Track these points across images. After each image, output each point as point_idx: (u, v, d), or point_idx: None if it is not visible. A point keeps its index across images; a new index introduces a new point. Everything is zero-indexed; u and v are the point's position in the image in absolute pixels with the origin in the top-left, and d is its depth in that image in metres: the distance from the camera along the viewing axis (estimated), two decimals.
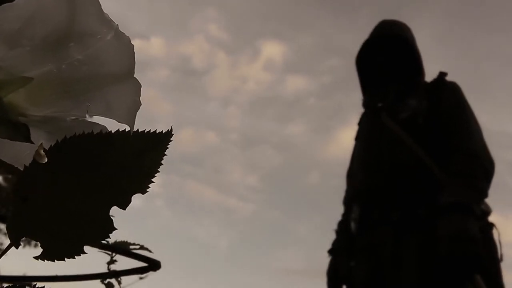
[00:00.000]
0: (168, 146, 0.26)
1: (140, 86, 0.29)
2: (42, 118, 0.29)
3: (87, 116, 0.29)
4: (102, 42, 0.28)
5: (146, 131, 0.26)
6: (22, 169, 0.26)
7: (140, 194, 0.27)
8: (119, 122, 0.29)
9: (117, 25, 0.28)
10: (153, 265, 0.75)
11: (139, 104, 0.29)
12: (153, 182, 0.26)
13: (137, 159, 0.26)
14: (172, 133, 0.26)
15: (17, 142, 0.28)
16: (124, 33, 0.28)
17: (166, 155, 0.26)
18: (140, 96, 0.29)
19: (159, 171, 0.26)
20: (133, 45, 0.28)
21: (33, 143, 0.28)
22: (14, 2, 0.26)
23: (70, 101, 0.29)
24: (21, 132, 0.28)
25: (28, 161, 0.26)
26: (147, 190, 0.26)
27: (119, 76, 0.28)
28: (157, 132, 0.26)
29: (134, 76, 0.29)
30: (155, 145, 0.26)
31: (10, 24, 0.26)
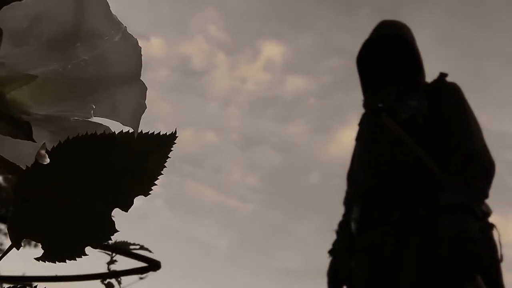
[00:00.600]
0: (171, 149, 0.26)
1: (146, 89, 0.29)
2: (46, 117, 0.29)
3: (92, 116, 0.29)
4: (109, 43, 0.27)
5: (149, 133, 0.25)
6: (24, 169, 0.26)
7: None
8: (123, 124, 0.29)
9: (125, 26, 0.28)
10: (153, 265, 0.75)
11: (144, 107, 0.29)
12: (155, 184, 0.26)
13: (140, 161, 0.26)
14: (176, 135, 0.26)
15: (20, 140, 0.28)
16: (131, 35, 0.28)
17: (169, 157, 0.26)
18: (145, 99, 0.29)
19: (162, 174, 0.26)
20: (141, 47, 0.28)
21: (34, 141, 0.27)
22: (22, 0, 0.26)
23: (75, 101, 0.28)
24: (23, 130, 0.27)
25: (31, 160, 0.26)
26: (150, 192, 0.26)
27: (125, 78, 0.28)
28: (160, 134, 0.26)
29: (141, 78, 0.29)
30: (158, 147, 0.26)
31: (18, 22, 0.26)
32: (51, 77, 0.27)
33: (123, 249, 0.74)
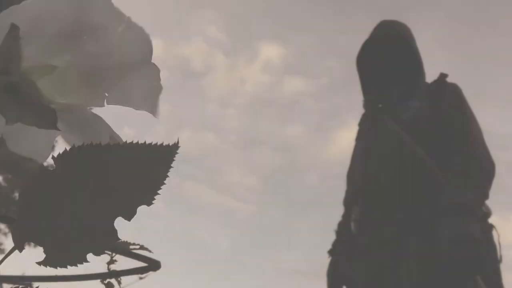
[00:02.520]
0: (174, 159, 0.26)
1: (159, 71, 0.29)
2: (62, 107, 0.29)
3: (105, 105, 0.29)
4: (114, 33, 0.28)
5: (153, 143, 0.25)
6: (40, 162, 0.26)
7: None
8: (137, 109, 0.29)
9: (129, 16, 0.28)
10: (153, 265, 0.75)
11: (160, 88, 0.29)
12: (159, 194, 0.26)
13: (143, 171, 0.26)
14: (179, 145, 0.26)
15: (37, 133, 0.28)
16: (136, 23, 0.28)
17: (172, 167, 0.26)
18: (160, 80, 0.29)
19: (165, 183, 0.26)
20: (148, 34, 0.28)
21: (58, 129, 0.27)
22: (21, 3, 0.26)
23: (87, 91, 0.29)
24: (49, 118, 0.27)
25: (47, 153, 0.26)
26: (153, 202, 0.26)
27: (135, 64, 0.28)
28: (164, 144, 0.26)
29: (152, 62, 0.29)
30: (162, 157, 0.26)
31: (20, 25, 0.26)
32: (61, 71, 0.28)
33: (123, 249, 0.73)
